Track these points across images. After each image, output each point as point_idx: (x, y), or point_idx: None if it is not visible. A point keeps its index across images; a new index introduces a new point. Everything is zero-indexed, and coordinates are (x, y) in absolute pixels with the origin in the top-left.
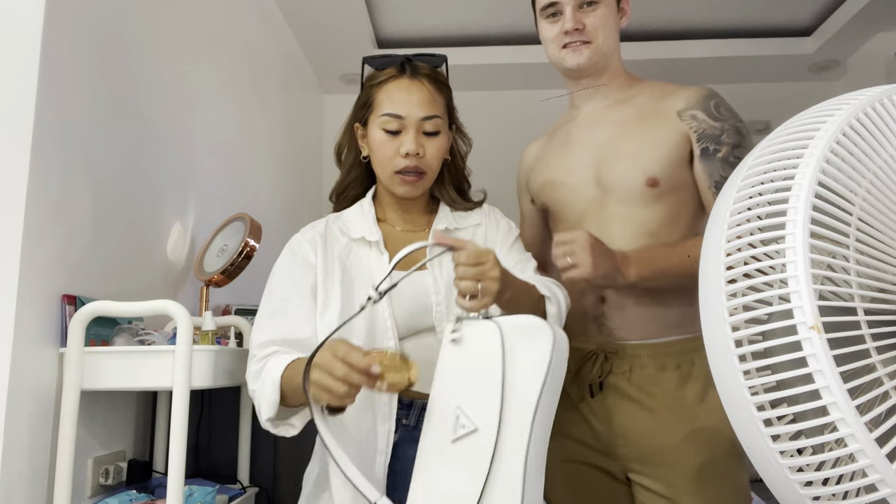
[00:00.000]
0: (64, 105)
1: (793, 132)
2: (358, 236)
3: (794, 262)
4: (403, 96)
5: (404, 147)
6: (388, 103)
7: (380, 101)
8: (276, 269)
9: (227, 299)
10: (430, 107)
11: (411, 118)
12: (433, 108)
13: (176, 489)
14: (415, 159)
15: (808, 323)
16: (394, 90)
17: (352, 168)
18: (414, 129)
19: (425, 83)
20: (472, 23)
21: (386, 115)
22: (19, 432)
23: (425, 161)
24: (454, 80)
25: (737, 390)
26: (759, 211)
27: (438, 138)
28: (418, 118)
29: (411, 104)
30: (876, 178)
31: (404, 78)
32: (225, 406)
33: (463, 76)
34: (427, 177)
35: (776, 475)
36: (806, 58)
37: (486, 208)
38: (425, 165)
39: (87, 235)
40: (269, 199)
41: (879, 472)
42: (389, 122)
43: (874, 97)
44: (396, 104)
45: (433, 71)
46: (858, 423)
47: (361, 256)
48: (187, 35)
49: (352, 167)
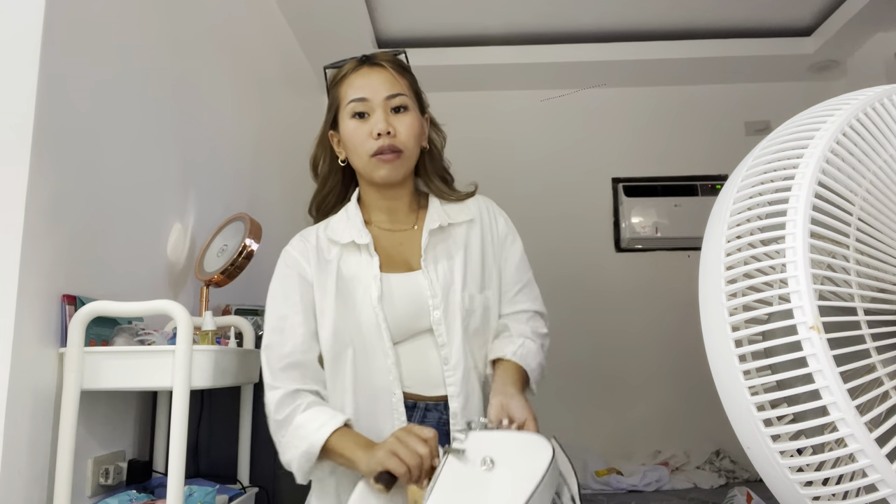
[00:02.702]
0: (64, 104)
1: (793, 132)
2: (347, 241)
3: (794, 262)
4: (364, 80)
5: (375, 128)
6: (351, 91)
7: (343, 93)
8: (272, 286)
9: (227, 299)
10: (393, 86)
11: (376, 98)
12: (397, 87)
13: (176, 489)
14: (388, 138)
15: (808, 323)
16: (355, 79)
17: (329, 176)
18: (381, 109)
19: (386, 66)
20: (471, 23)
21: (352, 102)
22: (19, 432)
23: (399, 139)
24: (455, 80)
25: (737, 390)
26: (759, 211)
27: (408, 115)
28: (383, 97)
29: (373, 86)
30: (876, 178)
31: (364, 66)
32: (225, 406)
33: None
34: (405, 156)
35: (776, 475)
36: (806, 58)
37: (482, 201)
38: (400, 144)
39: (87, 235)
40: (269, 199)
41: (879, 472)
42: (356, 106)
43: (874, 97)
44: (359, 89)
45: (393, 57)
46: (858, 423)
47: (351, 262)
48: (187, 35)
49: (329, 175)
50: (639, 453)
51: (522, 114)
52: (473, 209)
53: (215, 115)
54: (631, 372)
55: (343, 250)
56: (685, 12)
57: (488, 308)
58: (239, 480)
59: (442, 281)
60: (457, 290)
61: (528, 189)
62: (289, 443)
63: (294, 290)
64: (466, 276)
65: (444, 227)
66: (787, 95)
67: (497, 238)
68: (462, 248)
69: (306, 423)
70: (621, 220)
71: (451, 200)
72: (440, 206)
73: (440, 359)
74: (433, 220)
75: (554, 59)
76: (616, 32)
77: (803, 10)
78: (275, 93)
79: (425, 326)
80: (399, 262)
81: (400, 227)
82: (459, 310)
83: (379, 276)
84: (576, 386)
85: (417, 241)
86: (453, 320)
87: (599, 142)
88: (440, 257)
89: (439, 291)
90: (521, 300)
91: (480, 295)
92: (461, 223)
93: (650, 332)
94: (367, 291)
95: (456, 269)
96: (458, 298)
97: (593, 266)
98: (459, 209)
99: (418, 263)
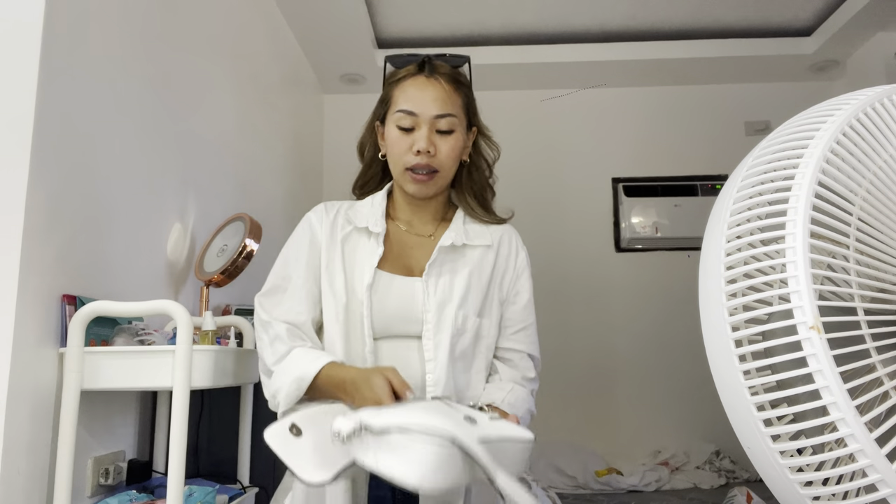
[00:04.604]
0: (64, 105)
1: (793, 132)
2: (362, 225)
3: (794, 262)
4: (418, 93)
5: (416, 144)
6: (402, 100)
7: (396, 98)
8: (288, 242)
9: (227, 299)
10: (445, 105)
11: (425, 115)
12: (447, 107)
13: (176, 489)
14: (426, 157)
15: (808, 323)
16: (409, 87)
17: (371, 165)
18: (427, 127)
19: (441, 81)
20: (471, 22)
21: (400, 112)
22: (19, 432)
23: (437, 160)
24: None
25: (737, 390)
26: (759, 211)
27: (452, 137)
28: (431, 116)
29: (425, 101)
30: (876, 178)
31: (421, 76)
32: (225, 406)
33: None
34: (439, 176)
35: (776, 475)
36: (806, 58)
37: (506, 231)
38: (437, 164)
39: (87, 235)
40: (269, 199)
41: (879, 472)
42: (403, 119)
43: (874, 97)
44: (411, 101)
45: (452, 70)
46: (858, 423)
47: (359, 245)
48: (187, 35)
49: (371, 164)
50: (639, 453)
51: (522, 114)
52: (495, 236)
53: (215, 116)
54: (631, 372)
55: (355, 231)
56: (685, 12)
57: (480, 335)
58: (239, 480)
59: (439, 296)
60: (452, 307)
61: (528, 189)
62: (282, 369)
63: (304, 254)
64: (467, 297)
65: (458, 246)
66: (787, 95)
67: (512, 271)
68: (469, 270)
69: (304, 355)
70: (621, 220)
71: (476, 220)
72: (462, 225)
73: (422, 370)
74: (448, 237)
75: (554, 59)
76: (616, 32)
77: (803, 10)
78: (275, 93)
79: (413, 333)
80: (402, 264)
81: (417, 232)
82: (451, 327)
83: (374, 267)
84: (576, 386)
85: (427, 251)
86: (443, 337)
87: (599, 142)
88: (444, 273)
89: (433, 306)
90: (520, 339)
91: (476, 318)
92: (477, 246)
93: (650, 331)
94: (361, 276)
95: (456, 288)
96: (452, 315)
97: (593, 266)
98: (481, 231)
99: (421, 272)
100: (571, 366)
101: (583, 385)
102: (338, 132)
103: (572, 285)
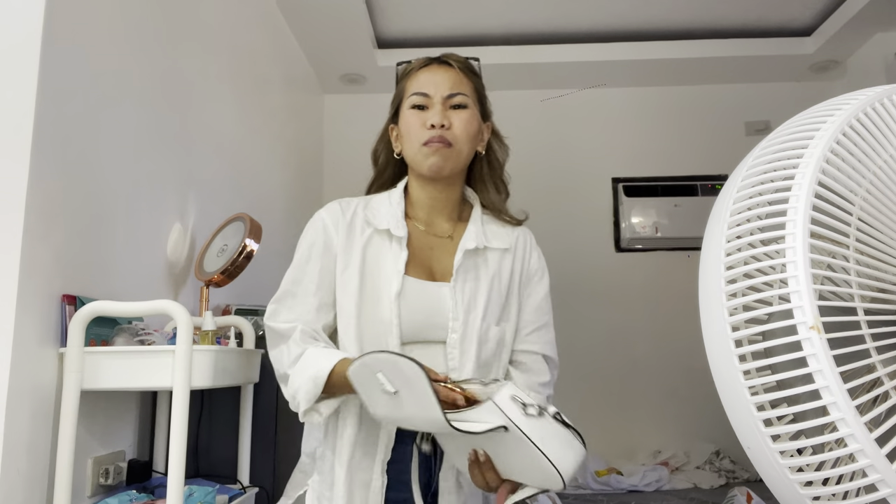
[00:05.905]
0: (64, 105)
1: (793, 132)
2: (383, 227)
3: (794, 262)
4: (429, 77)
5: (430, 119)
6: (415, 85)
7: (408, 87)
8: (301, 244)
9: (227, 299)
10: (456, 84)
11: (438, 94)
12: (459, 87)
13: (176, 489)
14: (441, 130)
15: (808, 323)
16: (421, 74)
17: (385, 167)
18: (440, 104)
19: (454, 65)
20: (471, 23)
21: (414, 95)
22: (19, 432)
23: (452, 133)
24: None
25: (737, 390)
26: (759, 211)
27: (466, 112)
28: (443, 95)
29: (437, 82)
30: (876, 178)
31: (432, 64)
32: (225, 406)
33: None
34: (454, 150)
35: (776, 475)
36: (806, 58)
37: (522, 232)
38: (452, 137)
39: (87, 235)
40: (269, 199)
41: (879, 472)
42: (416, 99)
43: (874, 97)
44: (423, 84)
45: (462, 59)
46: (858, 423)
47: (382, 249)
48: (187, 35)
49: (385, 167)
50: (639, 453)
51: (522, 114)
52: (512, 238)
53: (215, 115)
54: (630, 372)
55: (375, 234)
56: (685, 12)
57: (502, 341)
58: (239, 480)
59: (466, 304)
60: (477, 316)
61: (528, 189)
62: (298, 370)
63: (316, 258)
64: (489, 306)
65: (480, 249)
66: (787, 95)
67: (526, 273)
68: (491, 276)
69: (318, 354)
70: (621, 220)
71: (494, 218)
72: (481, 225)
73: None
74: (470, 239)
75: (554, 59)
76: (616, 32)
77: (803, 10)
78: (275, 93)
79: (439, 338)
80: (423, 267)
81: (435, 232)
82: (476, 337)
83: (401, 273)
84: (575, 386)
85: (448, 253)
86: (469, 346)
87: (599, 142)
88: (469, 279)
89: (461, 314)
90: (534, 341)
91: (497, 327)
92: (495, 249)
93: (650, 331)
94: (388, 284)
95: (480, 295)
96: (477, 325)
97: (593, 266)
98: (498, 233)
99: (444, 276)
100: (571, 366)
101: (582, 384)
102: (338, 132)
103: (572, 285)
